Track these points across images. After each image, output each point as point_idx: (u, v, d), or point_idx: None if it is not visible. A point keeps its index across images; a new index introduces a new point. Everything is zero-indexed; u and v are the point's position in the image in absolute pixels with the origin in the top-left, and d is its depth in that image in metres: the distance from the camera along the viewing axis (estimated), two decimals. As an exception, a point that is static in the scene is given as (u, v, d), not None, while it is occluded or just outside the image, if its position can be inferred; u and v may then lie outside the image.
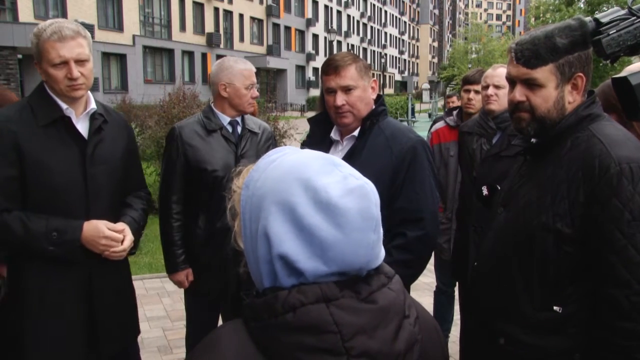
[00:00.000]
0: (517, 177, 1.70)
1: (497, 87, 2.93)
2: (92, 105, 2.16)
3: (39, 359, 2.07)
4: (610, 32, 1.47)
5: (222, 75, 2.72)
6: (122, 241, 2.11)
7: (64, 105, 2.06)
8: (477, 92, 3.40)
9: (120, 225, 2.13)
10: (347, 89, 2.13)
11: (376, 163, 2.10)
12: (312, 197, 0.81)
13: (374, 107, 2.23)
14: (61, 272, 2.06)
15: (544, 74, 1.52)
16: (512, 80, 1.61)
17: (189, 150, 2.67)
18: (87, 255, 2.06)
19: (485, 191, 2.53)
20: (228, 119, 2.75)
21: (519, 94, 1.57)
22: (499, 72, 2.93)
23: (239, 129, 2.77)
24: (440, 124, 3.76)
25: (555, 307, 1.49)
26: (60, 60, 1.98)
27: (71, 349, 2.11)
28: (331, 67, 2.14)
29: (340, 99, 2.13)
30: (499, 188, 2.39)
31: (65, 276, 2.07)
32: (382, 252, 0.89)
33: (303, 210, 0.81)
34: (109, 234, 2.05)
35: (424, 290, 5.01)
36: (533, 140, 1.63)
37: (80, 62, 2.01)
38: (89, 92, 2.16)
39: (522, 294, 1.55)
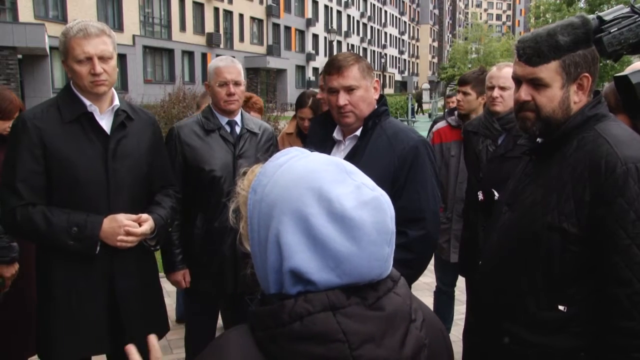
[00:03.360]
0: (523, 176, 1.69)
1: (502, 88, 2.91)
2: (116, 102, 2.22)
3: (66, 354, 2.13)
4: (612, 30, 1.46)
5: (208, 75, 2.77)
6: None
7: (87, 102, 2.13)
8: (465, 93, 3.41)
9: (139, 216, 2.17)
10: (349, 89, 2.12)
11: (378, 163, 2.10)
12: (325, 208, 0.79)
13: (376, 107, 2.23)
14: (85, 266, 2.12)
15: (550, 73, 1.52)
16: (517, 80, 1.61)
17: (187, 150, 2.67)
18: (109, 250, 2.11)
19: (480, 196, 2.52)
20: (226, 119, 2.75)
21: (525, 93, 1.57)
22: (504, 73, 2.91)
23: (238, 129, 2.77)
24: (441, 124, 3.75)
25: (560, 307, 1.49)
26: (84, 56, 2.05)
27: (97, 344, 2.18)
28: (334, 67, 2.14)
29: (343, 99, 2.12)
30: (495, 193, 2.37)
31: (89, 270, 2.13)
32: (392, 261, 0.88)
33: (316, 221, 0.79)
34: (127, 222, 2.10)
35: (423, 290, 5.00)
36: (539, 140, 1.63)
37: (103, 59, 2.09)
38: (113, 89, 2.23)
39: (527, 293, 1.54)
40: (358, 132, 2.21)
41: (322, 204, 0.80)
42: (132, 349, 1.01)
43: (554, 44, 1.47)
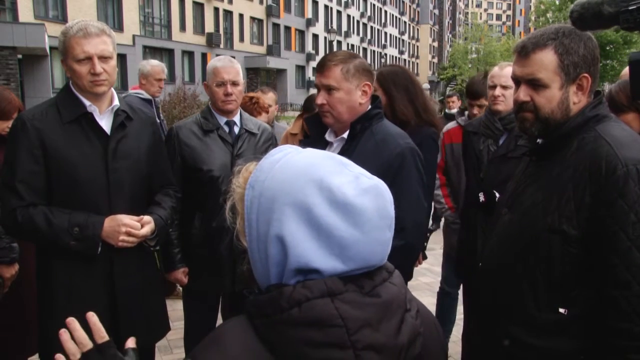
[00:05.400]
0: (523, 178, 1.68)
1: (504, 87, 2.89)
2: (116, 102, 2.21)
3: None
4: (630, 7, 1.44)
5: (207, 75, 2.77)
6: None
7: (87, 102, 2.12)
8: (480, 106, 3.39)
9: (141, 217, 2.16)
10: (328, 89, 2.10)
11: (365, 167, 2.07)
12: (327, 197, 0.82)
13: (369, 108, 2.17)
14: (85, 267, 2.11)
15: (548, 74, 1.52)
16: (517, 80, 1.60)
17: (186, 150, 2.68)
18: (109, 250, 2.10)
19: (482, 197, 2.50)
20: (225, 119, 2.75)
21: (523, 94, 1.57)
22: (506, 72, 2.90)
23: (237, 129, 2.77)
24: (452, 124, 3.74)
25: (560, 309, 1.48)
26: (84, 55, 2.04)
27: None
28: (319, 64, 2.15)
29: (321, 97, 2.12)
30: (497, 194, 2.36)
31: (90, 271, 2.12)
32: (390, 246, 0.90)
33: (319, 210, 0.81)
34: (128, 221, 2.09)
35: (424, 290, 5.01)
36: (539, 140, 1.62)
37: (103, 58, 2.08)
38: (112, 89, 2.22)
39: (528, 296, 1.54)
40: (346, 135, 2.17)
41: (324, 193, 0.82)
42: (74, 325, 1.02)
43: (597, 12, 1.46)
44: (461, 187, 3.50)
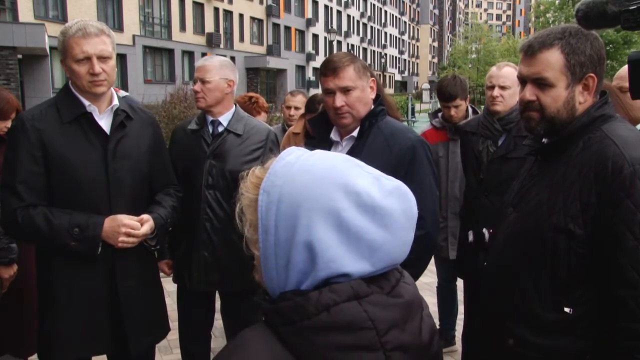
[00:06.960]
0: (528, 177, 1.68)
1: (502, 87, 2.89)
2: (115, 102, 2.20)
3: (67, 354, 2.12)
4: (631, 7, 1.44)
5: None
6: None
7: (86, 102, 2.12)
8: (456, 107, 3.36)
9: (141, 217, 2.16)
10: (345, 90, 2.11)
11: (375, 164, 2.04)
12: (355, 201, 0.82)
13: (372, 107, 2.21)
14: (86, 267, 2.10)
15: (555, 73, 1.51)
16: (523, 80, 1.60)
17: (175, 147, 2.75)
18: (110, 251, 2.10)
19: (471, 237, 2.48)
20: (211, 119, 2.77)
21: (529, 93, 1.57)
22: (504, 73, 2.89)
23: (221, 128, 2.75)
24: (426, 126, 3.75)
25: (565, 309, 1.48)
26: (83, 55, 2.04)
27: (98, 344, 2.19)
28: (329, 68, 2.13)
29: (339, 100, 2.11)
30: (486, 234, 2.35)
31: (91, 272, 2.12)
32: None
33: (348, 214, 0.81)
34: (128, 222, 2.09)
35: (424, 290, 5.00)
36: (544, 140, 1.62)
37: (102, 58, 2.07)
38: (112, 89, 2.22)
39: (533, 295, 1.53)
40: (355, 133, 2.19)
41: (351, 197, 0.82)
42: None
43: (602, 11, 1.46)
44: (441, 187, 3.47)
